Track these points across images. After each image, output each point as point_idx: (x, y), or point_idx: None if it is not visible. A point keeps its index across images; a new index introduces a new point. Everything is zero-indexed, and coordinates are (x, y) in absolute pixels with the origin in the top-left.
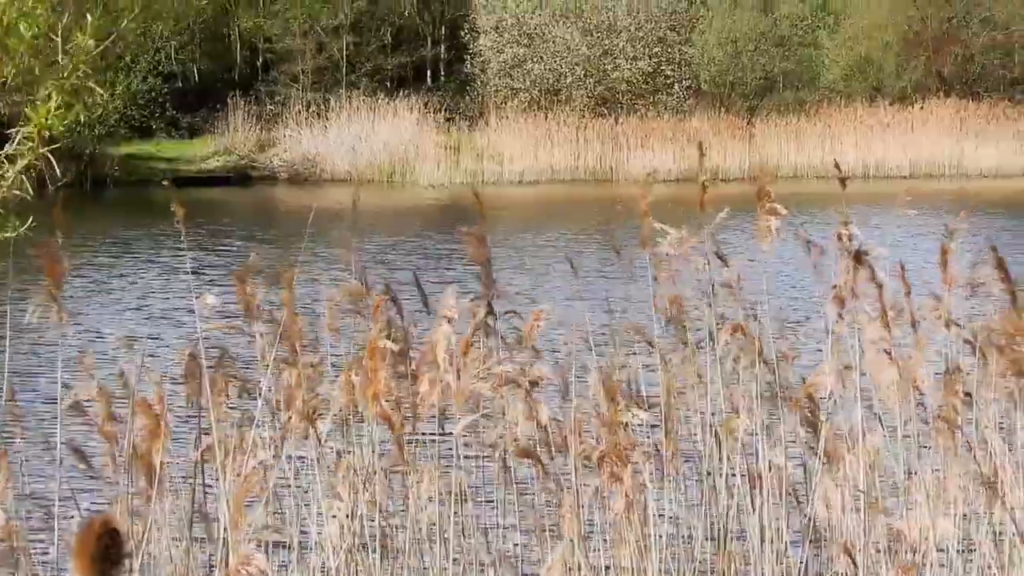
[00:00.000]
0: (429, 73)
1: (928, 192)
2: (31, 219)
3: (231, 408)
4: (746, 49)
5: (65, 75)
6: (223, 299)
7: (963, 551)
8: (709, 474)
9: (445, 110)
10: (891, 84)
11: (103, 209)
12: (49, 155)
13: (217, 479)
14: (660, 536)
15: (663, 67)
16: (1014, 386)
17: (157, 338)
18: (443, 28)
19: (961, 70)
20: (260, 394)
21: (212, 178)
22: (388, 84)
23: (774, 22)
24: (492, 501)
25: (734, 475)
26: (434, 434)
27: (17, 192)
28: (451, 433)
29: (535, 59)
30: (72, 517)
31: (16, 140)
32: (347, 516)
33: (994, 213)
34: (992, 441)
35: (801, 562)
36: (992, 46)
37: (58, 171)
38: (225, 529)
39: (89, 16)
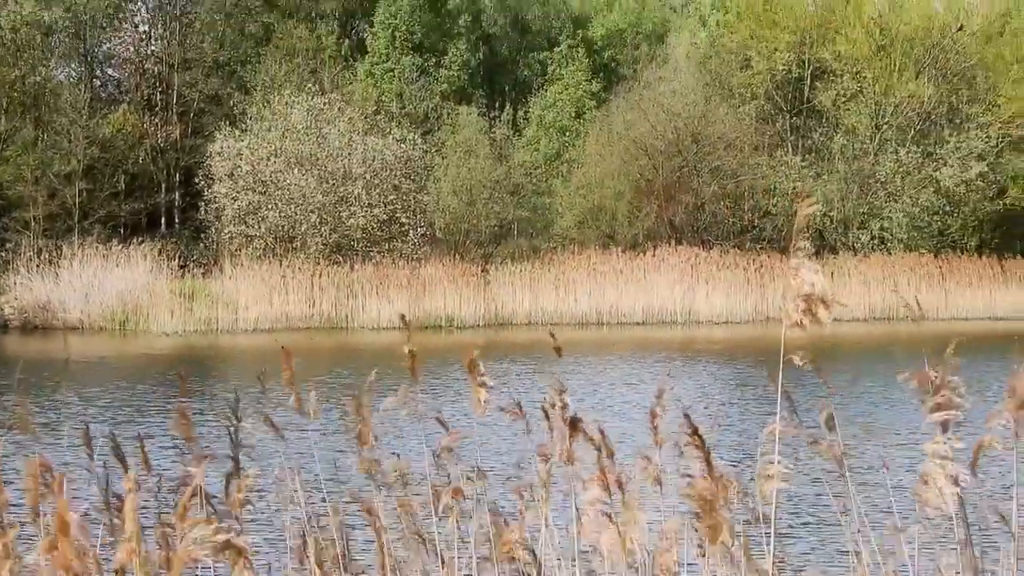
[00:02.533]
0: (163, 220)
1: (659, 339)
2: None
3: None
4: (480, 197)
5: None
6: None
7: None
8: None
9: (180, 257)
10: (624, 232)
11: None
12: None
13: None
14: None
15: (398, 214)
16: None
17: None
18: (178, 175)
19: (692, 218)
20: None
21: None
22: (122, 231)
23: (508, 170)
24: None
25: None
26: None
27: None
28: None
29: (270, 206)
30: None
31: None
32: None
33: (720, 359)
34: None
35: None
36: (722, 195)
37: None
38: None
39: None
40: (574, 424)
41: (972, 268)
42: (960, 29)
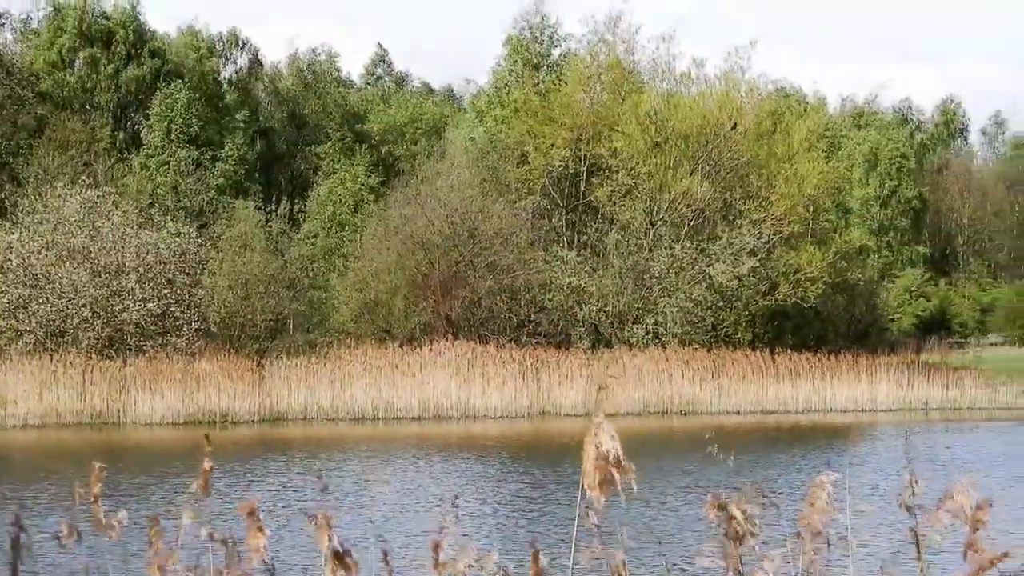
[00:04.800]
0: None
1: (435, 434)
2: None
3: None
4: (256, 291)
5: None
6: None
7: None
8: None
9: None
10: (400, 326)
11: None
12: None
13: None
14: None
15: (172, 308)
16: None
17: None
18: None
19: (468, 313)
20: None
21: None
22: None
23: (284, 264)
24: None
25: None
26: None
27: None
28: None
29: (41, 300)
30: None
31: None
32: None
33: (493, 454)
34: None
35: None
36: (498, 290)
37: None
38: None
39: None
40: (339, 556)
41: (745, 362)
42: (733, 127)
